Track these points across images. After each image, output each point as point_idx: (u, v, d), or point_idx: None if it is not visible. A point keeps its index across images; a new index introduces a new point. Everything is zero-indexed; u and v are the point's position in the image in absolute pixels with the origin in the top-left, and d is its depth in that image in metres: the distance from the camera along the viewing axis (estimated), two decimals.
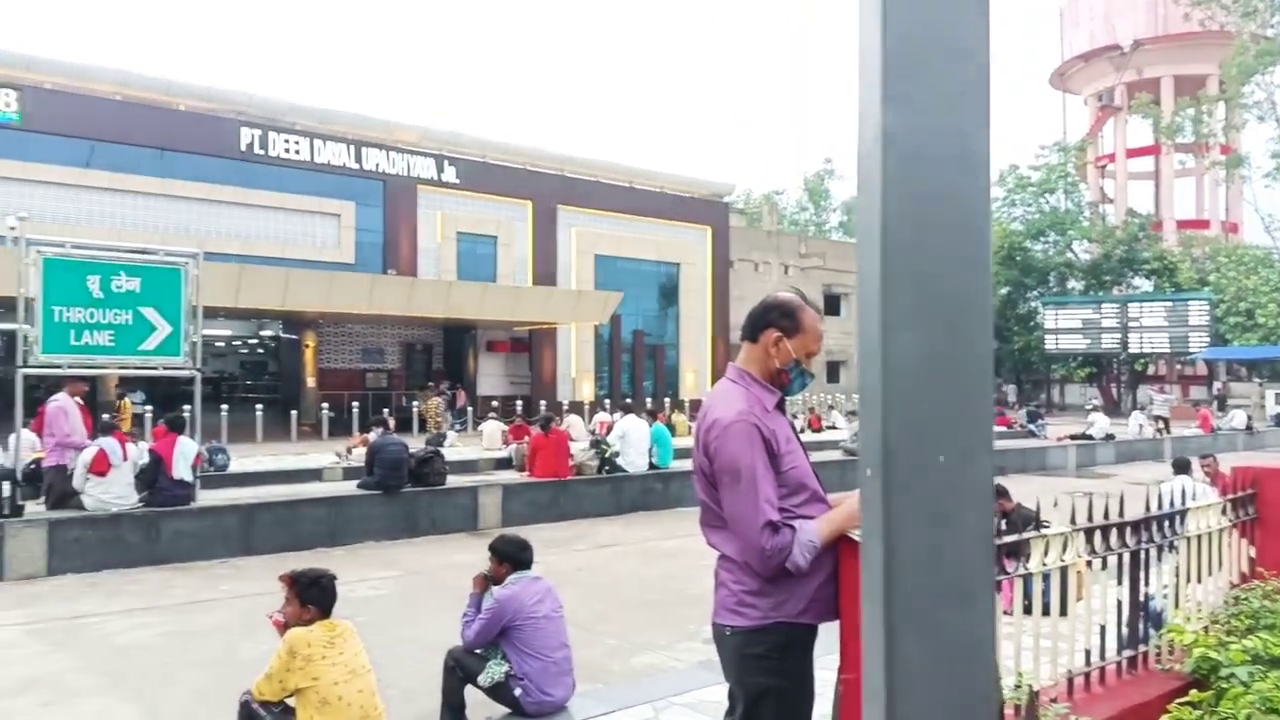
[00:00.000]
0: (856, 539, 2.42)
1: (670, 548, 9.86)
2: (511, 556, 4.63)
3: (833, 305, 41.30)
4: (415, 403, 25.14)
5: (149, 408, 18.68)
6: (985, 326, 0.96)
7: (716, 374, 35.99)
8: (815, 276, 40.81)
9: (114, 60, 36.38)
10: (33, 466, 10.55)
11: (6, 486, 8.33)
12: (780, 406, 2.65)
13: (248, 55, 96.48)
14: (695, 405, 31.62)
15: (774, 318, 2.62)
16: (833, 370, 41.31)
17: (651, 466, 13.10)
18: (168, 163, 25.25)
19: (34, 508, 9.16)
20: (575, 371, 32.65)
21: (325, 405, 23.94)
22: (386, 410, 20.36)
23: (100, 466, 8.80)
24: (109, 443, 8.95)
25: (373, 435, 11.71)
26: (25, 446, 9.96)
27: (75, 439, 9.49)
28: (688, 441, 18.22)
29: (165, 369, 9.96)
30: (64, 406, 9.97)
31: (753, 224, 48.13)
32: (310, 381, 26.90)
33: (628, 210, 34.72)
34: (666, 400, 30.84)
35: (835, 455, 15.68)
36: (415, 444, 12.11)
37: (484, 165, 31.54)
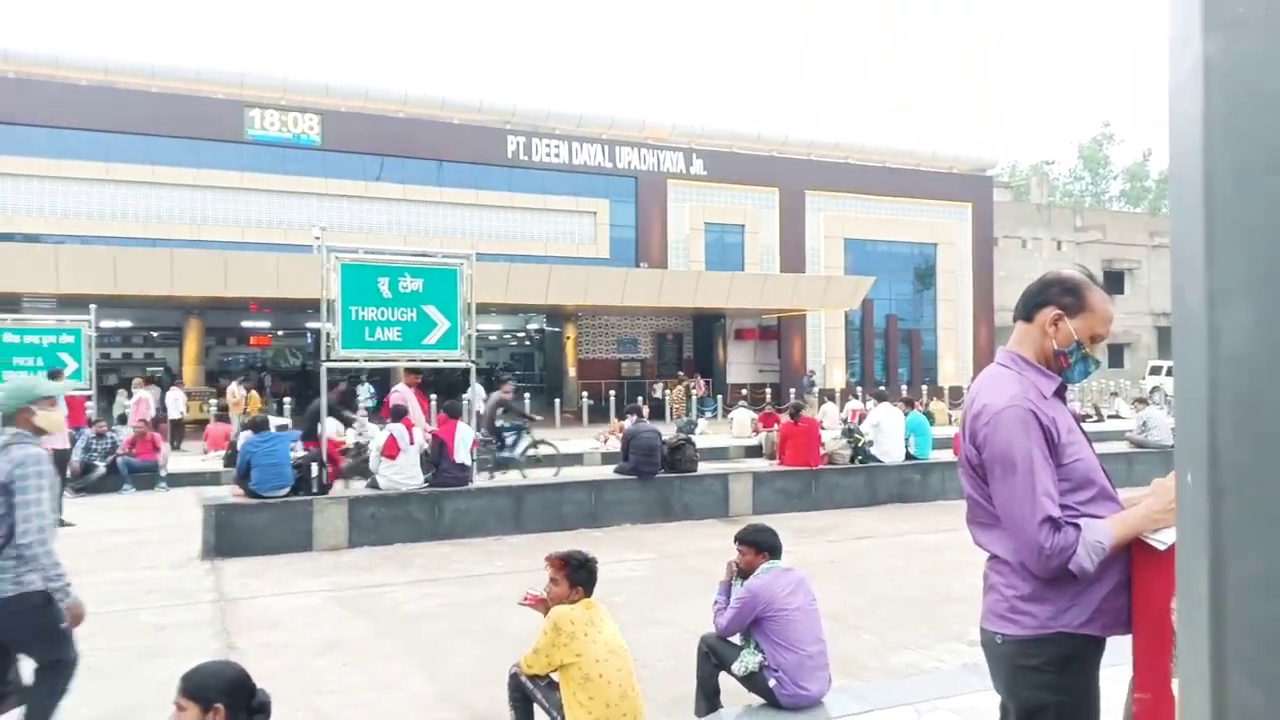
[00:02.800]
0: (1154, 544, 2.13)
1: (931, 542, 9.39)
2: (762, 545, 4.58)
3: (1115, 283, 37.70)
4: (667, 392, 25.83)
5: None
6: None
7: (979, 359, 33.93)
8: (1093, 251, 37.42)
9: (397, 80, 40.21)
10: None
11: (315, 468, 9.39)
12: (1060, 394, 2.39)
13: (511, 63, 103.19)
14: (955, 392, 30.01)
15: (1054, 294, 2.36)
16: (1115, 354, 37.76)
17: (909, 457, 12.55)
18: (445, 172, 27.60)
19: (336, 487, 10.31)
20: (825, 358, 32.07)
21: (585, 393, 25.15)
22: (640, 398, 21.06)
23: (391, 451, 9.73)
24: (398, 429, 9.86)
25: (628, 422, 12.12)
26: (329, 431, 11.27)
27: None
28: (947, 431, 17.29)
29: (445, 361, 10.81)
30: (404, 395, 11.37)
31: (1020, 198, 44.91)
32: (571, 371, 28.41)
33: (879, 191, 33.54)
34: (924, 387, 29.52)
35: (1120, 447, 14.22)
36: (668, 431, 12.38)
37: (731, 155, 31.67)
